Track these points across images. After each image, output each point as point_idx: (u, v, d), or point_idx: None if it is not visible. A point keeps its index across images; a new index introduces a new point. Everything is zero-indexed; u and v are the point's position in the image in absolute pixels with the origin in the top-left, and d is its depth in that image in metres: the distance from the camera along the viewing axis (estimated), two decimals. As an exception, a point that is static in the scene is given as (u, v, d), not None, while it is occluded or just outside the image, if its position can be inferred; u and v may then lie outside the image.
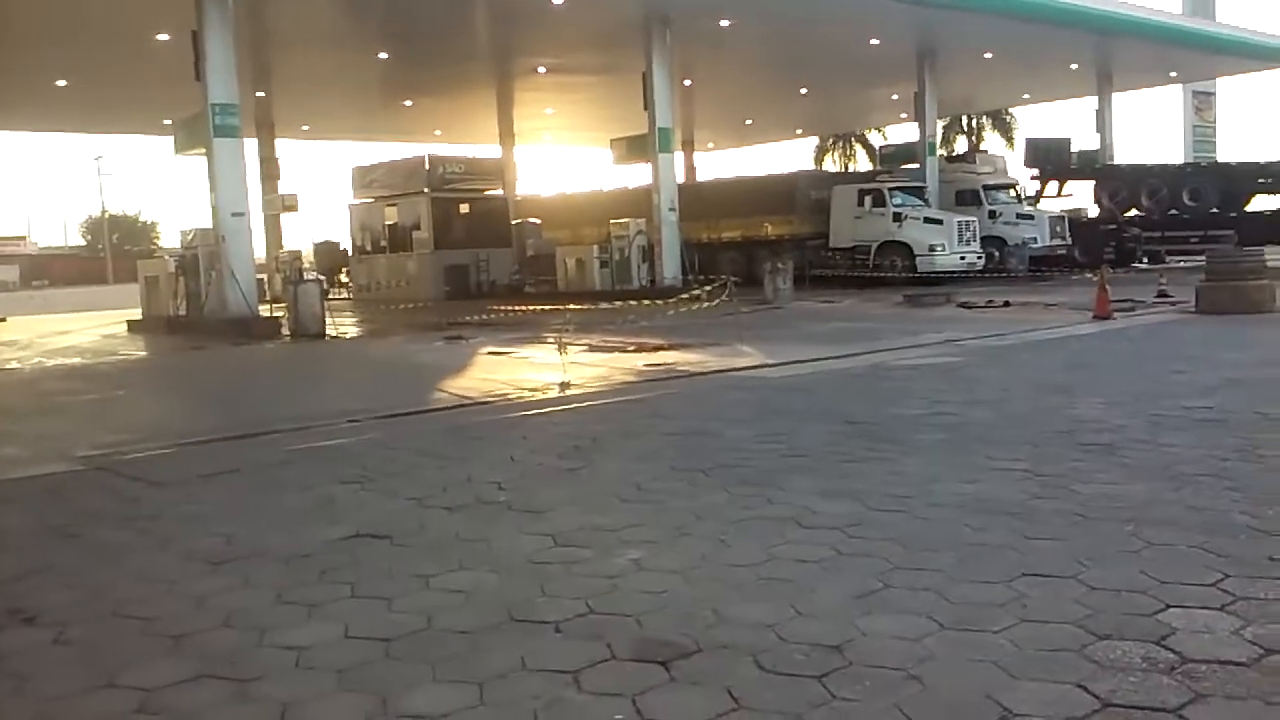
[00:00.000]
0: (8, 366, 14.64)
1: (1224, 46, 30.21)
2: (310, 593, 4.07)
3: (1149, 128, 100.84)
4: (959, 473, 5.59)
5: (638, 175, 26.87)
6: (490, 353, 13.02)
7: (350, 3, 20.78)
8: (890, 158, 32.40)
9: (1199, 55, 30.49)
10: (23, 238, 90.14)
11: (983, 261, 24.40)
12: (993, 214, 26.24)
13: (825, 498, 5.17)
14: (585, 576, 4.13)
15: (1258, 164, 28.60)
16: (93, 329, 21.86)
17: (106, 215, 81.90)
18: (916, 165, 28.53)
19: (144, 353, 16.79)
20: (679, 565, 4.22)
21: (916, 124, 29.16)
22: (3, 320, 25.96)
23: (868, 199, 25.17)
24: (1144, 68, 31.72)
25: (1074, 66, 30.17)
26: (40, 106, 28.64)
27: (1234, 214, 27.06)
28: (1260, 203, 28.08)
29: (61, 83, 25.30)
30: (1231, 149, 39.65)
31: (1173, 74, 33.56)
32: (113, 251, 74.51)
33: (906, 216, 24.58)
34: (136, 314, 21.63)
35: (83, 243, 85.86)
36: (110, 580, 4.37)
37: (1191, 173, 30.74)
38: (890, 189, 25.32)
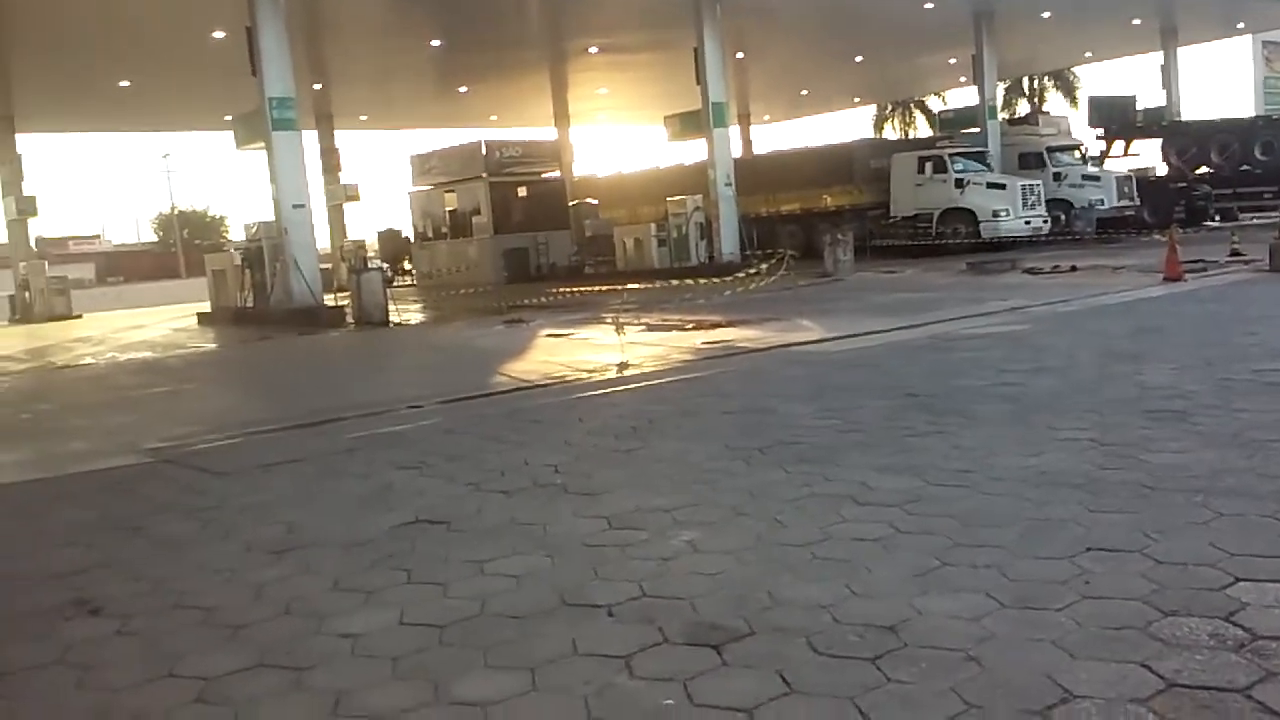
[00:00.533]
0: (82, 362, 15.01)
1: (1296, -8, 29.14)
2: (367, 579, 4.11)
3: (1217, 82, 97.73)
4: (1022, 445, 5.47)
5: (693, 151, 26.74)
6: (549, 335, 13.05)
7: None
8: (950, 123, 31.85)
9: (1267, 3, 29.39)
10: (97, 236, 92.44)
11: (1048, 226, 23.89)
12: (1057, 176, 25.67)
13: (884, 473, 5.09)
14: (639, 559, 4.11)
15: (1335, 114, 27.62)
16: (164, 323, 22.36)
17: (176, 211, 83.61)
18: (977, 130, 27.98)
19: (212, 345, 17.12)
20: (734, 546, 4.18)
21: (976, 88, 28.58)
22: (78, 317, 26.62)
23: (928, 166, 24.76)
24: (1210, 19, 30.74)
25: (1136, 22, 29.33)
26: (106, 107, 29.27)
27: (1311, 167, 26.16)
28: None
29: (124, 83, 25.82)
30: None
31: (1240, 25, 32.50)
32: (183, 246, 76.09)
33: (969, 182, 24.14)
34: (206, 307, 22.06)
35: (154, 239, 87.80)
36: (173, 571, 4.45)
37: (1264, 126, 29.78)
38: (951, 155, 24.91)
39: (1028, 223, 23.50)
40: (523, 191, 29.08)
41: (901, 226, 24.77)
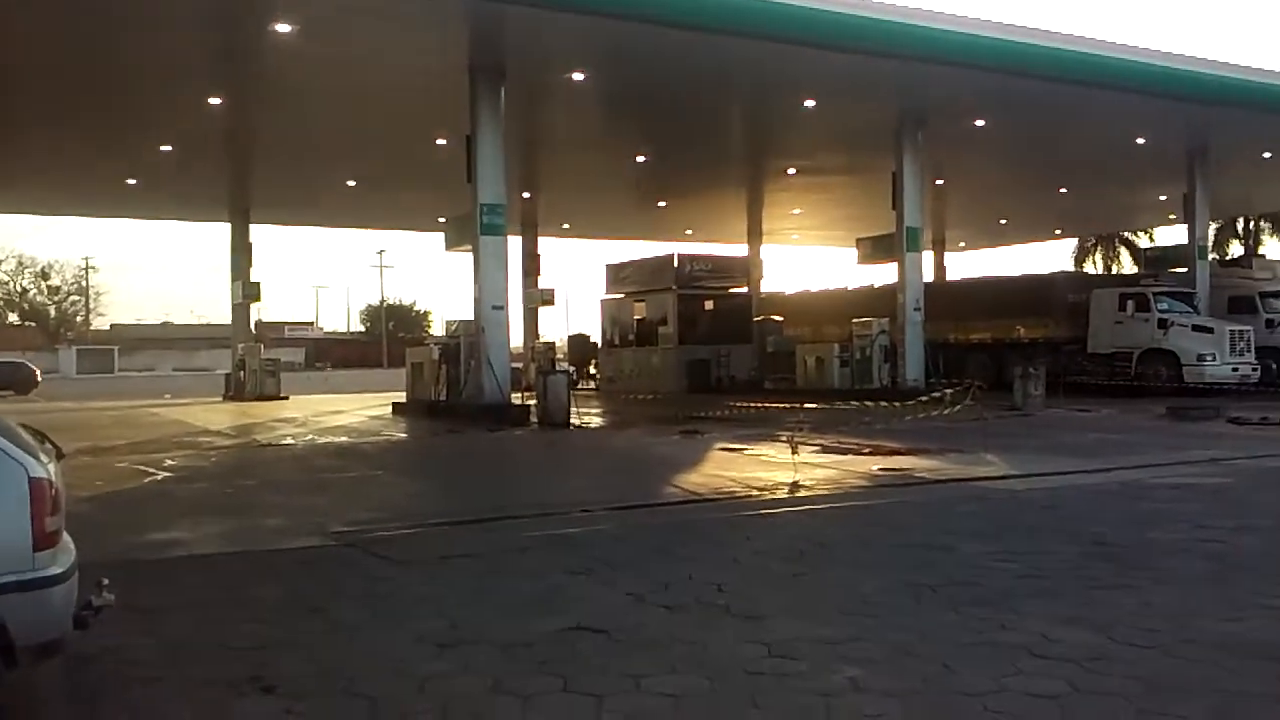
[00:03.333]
0: (283, 442, 15.92)
1: None
2: (526, 683, 4.16)
3: None
4: (1219, 608, 5.12)
5: (883, 274, 26.58)
6: (723, 448, 13.07)
7: (613, 109, 21.85)
8: (1156, 261, 30.59)
9: None
10: (310, 323, 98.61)
11: (1258, 374, 22.52)
12: (1270, 323, 24.24)
13: (1065, 625, 4.84)
14: (798, 692, 4.03)
15: None
16: (362, 409, 23.52)
17: (385, 304, 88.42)
18: (1185, 270, 26.79)
19: (404, 434, 17.88)
20: (898, 688, 4.05)
21: (1186, 226, 27.45)
22: (285, 398, 28.30)
23: (1130, 303, 23.82)
24: None
25: (1366, 164, 27.68)
26: (333, 204, 31.53)
27: None
28: None
29: (351, 183, 27.79)
30: None
31: None
32: (387, 338, 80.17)
33: (1173, 323, 23.07)
34: (401, 397, 23.10)
35: (362, 329, 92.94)
36: (346, 655, 4.63)
37: None
38: (1155, 293, 23.90)
39: (1235, 370, 22.20)
40: (709, 305, 29.55)
41: (1098, 364, 23.81)
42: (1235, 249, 42.79)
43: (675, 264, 29.41)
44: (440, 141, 21.93)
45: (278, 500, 9.65)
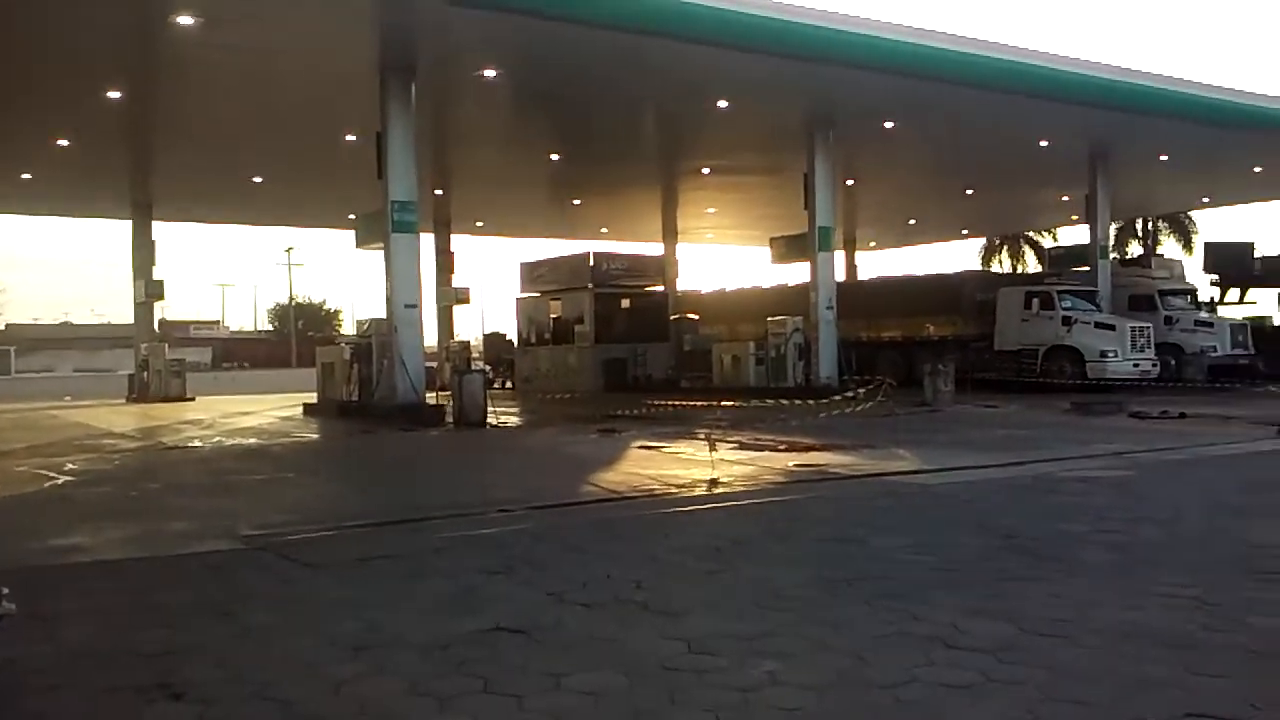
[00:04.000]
0: (190, 444, 15.53)
1: None
2: (444, 685, 4.11)
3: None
4: (1123, 597, 5.27)
5: (797, 273, 26.92)
6: (642, 447, 13.10)
7: (526, 107, 21.74)
8: (1059, 260, 31.47)
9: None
10: (217, 322, 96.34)
11: (1157, 370, 23.31)
12: (1169, 320, 25.12)
13: (976, 617, 4.94)
14: (717, 687, 4.04)
15: None
16: (271, 410, 23.05)
17: (294, 302, 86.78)
18: (1087, 269, 27.61)
19: (315, 436, 17.56)
20: (815, 681, 4.09)
21: (1088, 226, 28.29)
22: (191, 399, 27.61)
23: (1035, 301, 24.47)
24: (1339, 170, 30.03)
25: (1258, 170, 28.83)
26: (239, 200, 30.83)
27: None
28: None
29: (258, 179, 27.20)
30: None
31: (1372, 175, 31.65)
32: (297, 337, 78.70)
33: (1076, 321, 23.76)
34: (313, 397, 22.70)
35: (270, 328, 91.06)
36: (257, 660, 4.52)
37: (1393, 280, 28.81)
38: (1060, 292, 24.59)
39: (1136, 365, 22.96)
40: (626, 303, 29.61)
41: (1005, 361, 24.42)
42: (1135, 249, 44.20)
43: (591, 262, 29.40)
44: (350, 137, 21.58)
45: (184, 503, 9.40)
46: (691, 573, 6.11)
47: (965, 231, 44.87)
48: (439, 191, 28.65)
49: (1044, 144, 25.22)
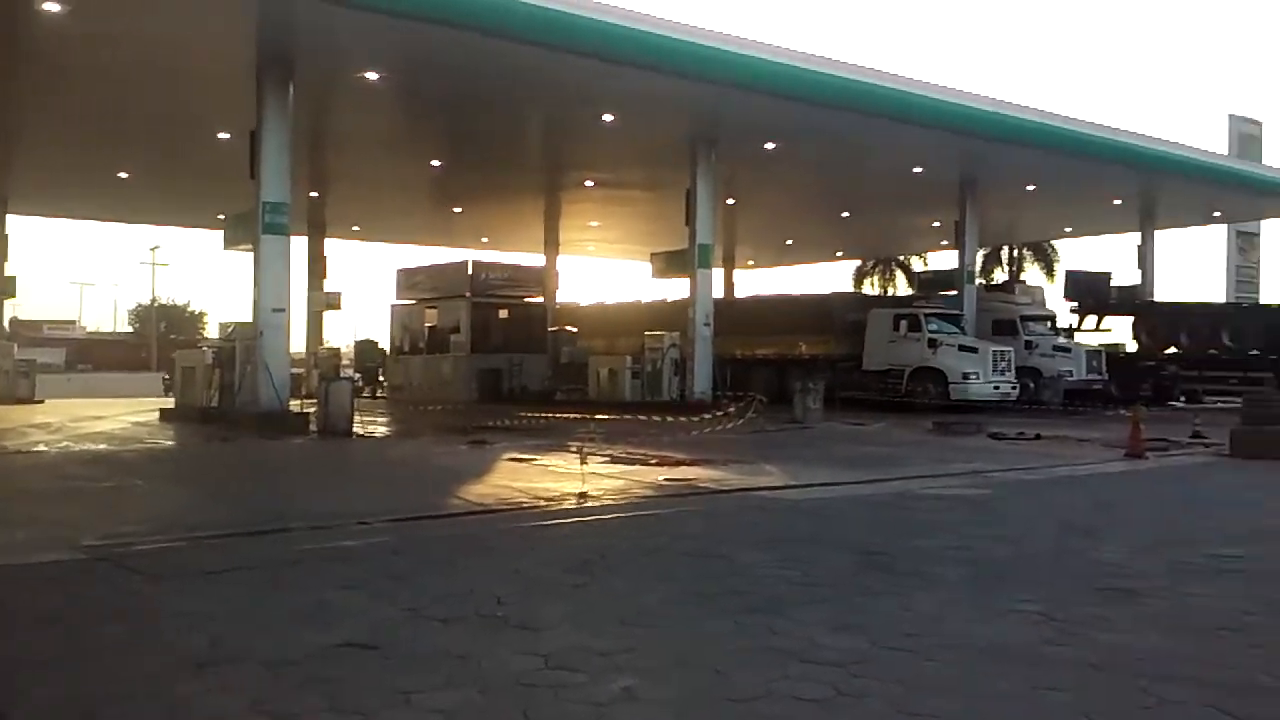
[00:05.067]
0: (35, 449, 14.76)
1: (1269, 188, 30.14)
2: (288, 703, 3.95)
3: (1191, 266, 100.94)
4: (974, 613, 5.41)
5: (676, 289, 27.13)
6: (512, 459, 12.95)
7: (409, 111, 21.41)
8: (928, 284, 32.48)
9: (1244, 196, 30.43)
10: (72, 322, 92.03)
11: (1017, 392, 24.19)
12: (1029, 345, 26.11)
13: (834, 631, 5.00)
14: (573, 703, 3.98)
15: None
16: (126, 415, 22.09)
17: (156, 304, 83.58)
18: (954, 293, 28.53)
19: (171, 442, 16.88)
20: (672, 696, 4.08)
21: (956, 252, 29.25)
22: (40, 402, 26.29)
23: (903, 323, 25.17)
24: (1187, 206, 31.73)
25: (1117, 202, 30.26)
26: (102, 196, 29.58)
27: (1275, 356, 26.73)
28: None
29: (123, 175, 26.14)
30: (1275, 291, 39.48)
31: (1216, 214, 33.51)
32: (159, 340, 75.82)
33: (942, 343, 24.50)
34: (171, 402, 21.83)
35: (130, 329, 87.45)
36: (93, 677, 4.28)
37: (1233, 313, 30.58)
38: (926, 314, 25.33)
39: (996, 388, 23.79)
40: (504, 314, 29.36)
41: (873, 380, 25.02)
42: (1001, 275, 45.87)
43: (470, 271, 29.12)
44: (223, 135, 20.95)
45: (25, 511, 8.90)
46: (556, 587, 6.04)
47: (840, 254, 45.93)
48: (315, 194, 28.01)
49: (918, 170, 26.01)
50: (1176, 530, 8.17)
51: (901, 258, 48.36)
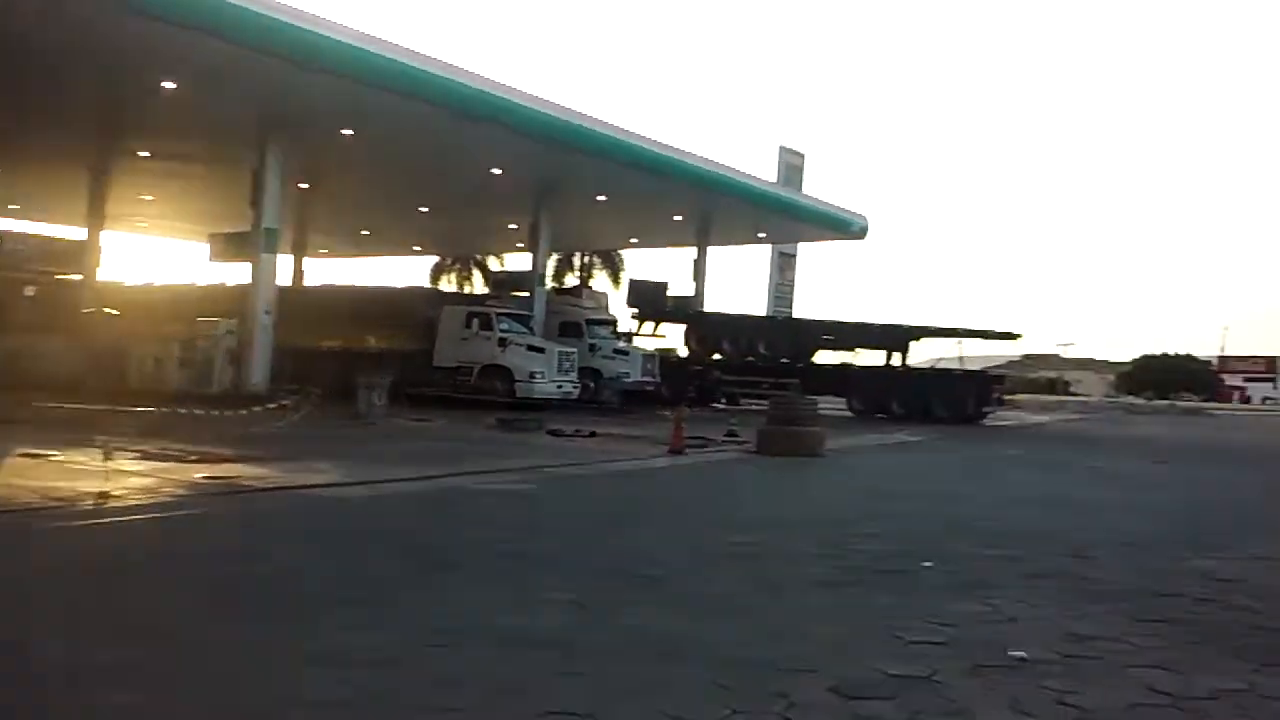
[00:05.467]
0: None
1: (805, 215, 33.63)
2: None
3: (738, 281, 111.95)
4: (512, 604, 5.48)
5: (237, 273, 25.50)
6: (24, 454, 11.41)
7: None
8: (502, 284, 33.01)
9: (785, 221, 33.70)
10: None
11: (579, 391, 25.23)
12: (593, 347, 27.33)
13: (368, 630, 4.84)
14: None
15: (823, 322, 32.19)
16: None
17: None
18: (527, 294, 29.20)
19: None
20: (180, 710, 3.75)
21: (530, 255, 29.95)
22: None
23: (475, 321, 25.40)
24: (739, 226, 34.55)
25: (678, 218, 32.38)
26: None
27: (801, 365, 30.02)
28: (824, 356, 31.47)
29: None
30: (805, 307, 44.09)
31: (762, 234, 36.84)
32: None
33: (511, 342, 24.99)
34: None
35: None
36: None
37: (769, 325, 33.97)
38: (498, 314, 25.73)
39: (560, 386, 24.67)
40: (31, 291, 26.13)
41: (443, 376, 25.02)
42: (571, 279, 47.69)
43: (-5, 241, 25.62)
44: None
45: None
46: (51, 600, 5.34)
47: (418, 248, 45.56)
48: None
49: (496, 172, 26.22)
50: (703, 520, 8.84)
51: (480, 257, 48.88)
